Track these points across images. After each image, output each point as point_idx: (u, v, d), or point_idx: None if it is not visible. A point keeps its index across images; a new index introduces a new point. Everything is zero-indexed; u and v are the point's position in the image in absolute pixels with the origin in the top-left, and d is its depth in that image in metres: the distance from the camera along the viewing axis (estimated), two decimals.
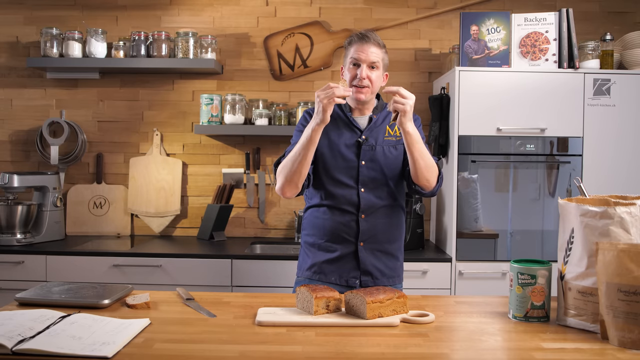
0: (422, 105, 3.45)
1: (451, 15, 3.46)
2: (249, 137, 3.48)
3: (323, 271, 2.07)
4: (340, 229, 2.05)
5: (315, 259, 2.09)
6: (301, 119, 2.16)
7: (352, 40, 2.06)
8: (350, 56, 2.04)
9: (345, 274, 2.05)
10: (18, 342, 1.29)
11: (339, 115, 2.10)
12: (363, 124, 2.09)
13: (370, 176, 2.04)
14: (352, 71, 2.04)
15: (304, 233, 2.16)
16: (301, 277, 2.14)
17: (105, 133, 3.54)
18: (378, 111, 2.12)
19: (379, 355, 1.30)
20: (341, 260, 2.06)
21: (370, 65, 2.02)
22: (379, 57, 2.03)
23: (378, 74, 2.05)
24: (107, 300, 1.66)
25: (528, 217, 2.96)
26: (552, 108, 2.91)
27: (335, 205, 2.05)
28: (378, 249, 2.07)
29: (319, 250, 2.09)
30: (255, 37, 3.51)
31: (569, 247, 1.51)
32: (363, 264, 2.05)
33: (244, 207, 3.52)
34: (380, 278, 2.07)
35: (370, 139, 2.07)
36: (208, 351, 1.32)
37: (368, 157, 2.05)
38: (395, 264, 2.13)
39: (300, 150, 1.93)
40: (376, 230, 2.06)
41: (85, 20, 3.49)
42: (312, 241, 2.11)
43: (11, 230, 3.07)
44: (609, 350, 1.34)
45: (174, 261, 2.89)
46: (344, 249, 2.05)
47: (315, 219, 2.10)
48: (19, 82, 3.53)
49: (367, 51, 2.01)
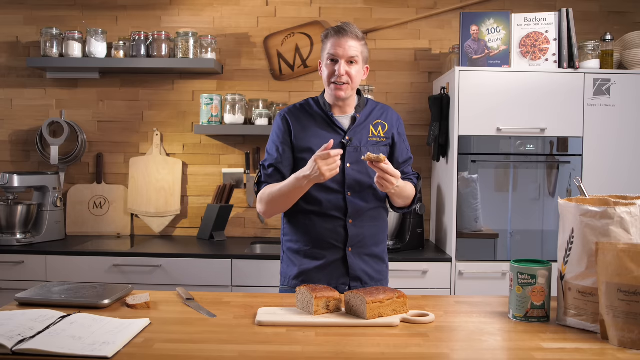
0: (422, 105, 3.46)
1: (451, 15, 3.46)
2: (249, 137, 3.48)
3: (311, 279, 1.97)
4: (328, 236, 1.97)
5: (301, 266, 2.00)
6: (277, 126, 2.03)
7: (328, 34, 1.96)
8: (327, 51, 1.95)
9: (334, 281, 1.97)
10: (18, 342, 1.29)
11: (319, 115, 2.01)
12: (346, 124, 2.01)
13: (356, 179, 1.97)
14: (329, 67, 1.94)
15: (287, 239, 2.06)
16: (286, 286, 2.04)
17: (105, 133, 3.54)
18: (361, 109, 2.03)
19: (379, 355, 1.30)
20: (329, 267, 1.98)
21: (348, 60, 1.92)
22: (357, 51, 1.93)
23: (358, 69, 1.95)
24: (107, 300, 1.65)
25: (528, 217, 2.96)
26: (552, 108, 2.91)
27: (321, 211, 1.96)
28: (366, 253, 2.01)
29: (305, 257, 2.00)
30: (255, 37, 3.51)
31: (569, 247, 1.51)
32: (352, 269, 1.98)
33: (244, 207, 3.52)
34: (369, 282, 2.01)
35: (354, 140, 1.98)
36: (208, 351, 1.32)
37: (353, 160, 1.97)
38: (382, 266, 2.08)
39: (289, 194, 1.88)
40: (364, 235, 1.99)
41: (85, 20, 3.49)
42: (297, 248, 2.02)
43: (11, 230, 3.07)
44: (609, 350, 1.34)
45: (174, 261, 2.89)
46: (332, 256, 1.97)
47: (300, 226, 2.01)
48: (19, 82, 3.53)
49: (345, 45, 1.91)
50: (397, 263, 2.84)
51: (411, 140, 3.42)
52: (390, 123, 2.07)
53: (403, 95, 3.49)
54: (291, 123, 2.02)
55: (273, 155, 2.01)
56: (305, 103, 2.08)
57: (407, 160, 2.10)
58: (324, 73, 1.98)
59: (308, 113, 2.03)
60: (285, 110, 2.06)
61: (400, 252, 3.00)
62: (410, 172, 2.11)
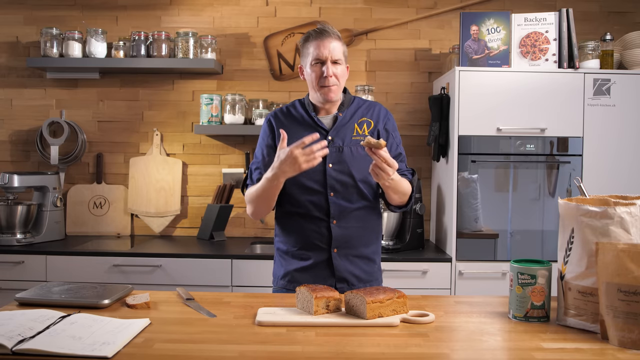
0: (422, 105, 3.46)
1: (451, 15, 3.46)
2: (249, 137, 3.48)
3: (297, 280, 1.98)
4: (312, 237, 1.96)
5: (288, 267, 2.02)
6: (263, 130, 2.05)
7: (309, 36, 1.95)
8: (311, 55, 1.93)
9: (321, 282, 1.95)
10: (18, 342, 1.29)
11: (302, 117, 2.02)
12: (328, 123, 2.00)
13: (338, 179, 1.94)
14: (316, 70, 1.93)
15: (277, 240, 2.08)
16: (276, 287, 2.06)
17: (105, 133, 3.54)
18: (344, 108, 2.01)
19: (379, 355, 1.30)
20: (315, 268, 1.97)
21: (333, 61, 1.92)
22: (340, 52, 1.93)
23: (342, 69, 1.95)
24: (107, 300, 1.65)
25: (528, 217, 2.96)
26: (552, 108, 2.91)
27: (305, 212, 1.96)
28: (353, 254, 1.99)
29: (292, 258, 2.01)
30: (255, 37, 3.51)
31: (569, 247, 1.51)
32: (337, 270, 1.97)
33: (244, 207, 3.51)
34: (357, 284, 1.99)
35: (336, 139, 1.97)
36: (208, 351, 1.32)
37: (335, 160, 1.95)
38: (373, 267, 2.05)
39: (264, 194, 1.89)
40: (350, 236, 1.97)
41: (85, 20, 3.49)
42: (285, 249, 2.03)
43: (11, 230, 3.08)
44: (609, 350, 1.34)
45: (174, 261, 2.89)
46: (318, 257, 1.97)
47: (287, 227, 2.02)
48: (19, 82, 3.53)
49: (329, 47, 1.91)
50: (397, 263, 2.84)
51: (411, 140, 3.44)
52: (375, 120, 2.03)
53: (403, 95, 3.49)
54: (275, 126, 2.03)
55: (259, 158, 2.04)
56: (292, 105, 2.08)
57: (396, 156, 2.03)
58: (310, 76, 1.96)
59: (292, 116, 2.04)
60: (271, 114, 2.08)
61: (400, 252, 3.00)
62: (404, 169, 2.04)
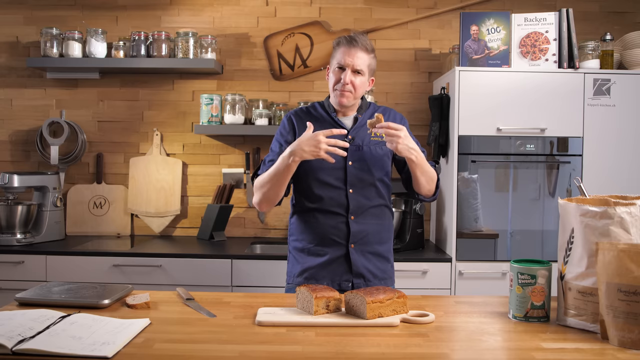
0: (422, 105, 3.45)
1: (451, 15, 3.46)
2: (249, 137, 3.48)
3: (314, 276, 2.03)
4: (330, 232, 2.02)
5: (305, 264, 2.05)
6: (282, 126, 2.12)
7: (340, 42, 2.03)
8: (336, 59, 2.02)
9: (338, 278, 2.02)
10: (18, 342, 1.29)
11: (322, 116, 2.10)
12: (348, 124, 2.08)
13: (358, 177, 2.02)
14: (336, 74, 2.02)
15: (292, 239, 2.13)
16: (292, 284, 2.09)
17: (105, 133, 3.54)
18: (363, 111, 2.11)
19: (379, 355, 1.30)
20: (333, 264, 2.02)
21: (355, 70, 1.99)
22: (365, 64, 2.00)
23: (363, 80, 2.02)
24: (107, 300, 1.66)
25: (528, 217, 2.96)
26: (552, 108, 2.91)
27: (323, 207, 2.02)
28: (369, 251, 2.04)
29: (309, 255, 2.05)
30: (255, 37, 3.51)
31: (569, 247, 1.51)
32: (355, 266, 2.01)
33: (244, 207, 3.52)
34: (373, 280, 2.04)
35: (357, 139, 2.05)
36: (208, 351, 1.32)
37: (356, 158, 2.03)
38: (387, 265, 2.10)
39: (276, 176, 1.93)
40: (367, 232, 2.03)
41: (85, 20, 3.49)
42: (301, 246, 2.08)
43: (11, 230, 3.07)
44: (609, 350, 1.34)
45: (174, 261, 2.89)
46: (335, 252, 2.02)
47: (304, 223, 2.07)
48: (19, 82, 3.53)
49: (354, 56, 1.98)
50: (397, 263, 2.81)
51: None
52: None
53: (403, 95, 3.49)
54: (296, 124, 2.10)
55: (275, 151, 2.07)
56: (311, 106, 2.17)
57: None
58: (331, 79, 2.06)
59: (313, 115, 2.12)
60: (292, 112, 2.15)
61: (400, 252, 3.00)
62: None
